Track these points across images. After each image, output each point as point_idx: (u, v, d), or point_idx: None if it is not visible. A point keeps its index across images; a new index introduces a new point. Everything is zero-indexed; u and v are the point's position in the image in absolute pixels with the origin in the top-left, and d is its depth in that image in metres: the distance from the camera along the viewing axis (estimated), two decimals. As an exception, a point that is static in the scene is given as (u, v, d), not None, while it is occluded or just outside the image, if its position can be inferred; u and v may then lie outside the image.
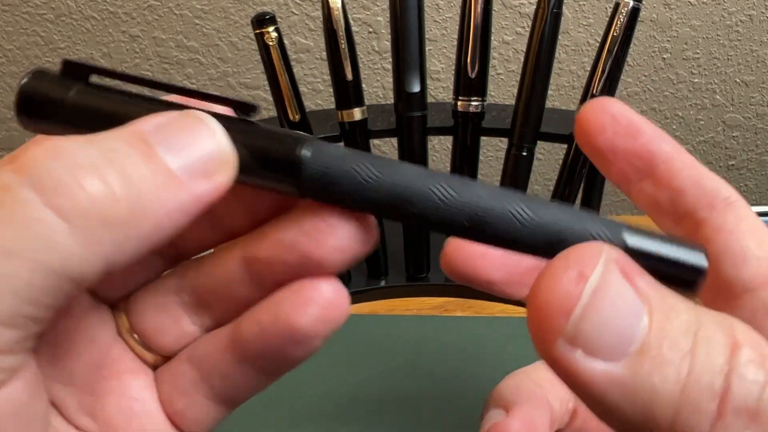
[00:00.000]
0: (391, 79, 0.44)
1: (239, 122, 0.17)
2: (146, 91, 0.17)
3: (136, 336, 0.19)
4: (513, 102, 0.44)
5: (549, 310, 0.13)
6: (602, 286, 0.12)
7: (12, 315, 0.13)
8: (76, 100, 0.16)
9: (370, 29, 0.65)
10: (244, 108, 0.17)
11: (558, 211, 0.16)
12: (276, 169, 0.16)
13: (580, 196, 0.46)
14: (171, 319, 0.19)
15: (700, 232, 0.18)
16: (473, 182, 0.16)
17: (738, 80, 0.67)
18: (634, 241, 0.15)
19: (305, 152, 0.16)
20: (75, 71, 0.17)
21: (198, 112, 0.16)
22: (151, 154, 0.15)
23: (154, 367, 0.20)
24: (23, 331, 0.14)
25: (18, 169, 0.13)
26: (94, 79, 0.17)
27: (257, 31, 0.40)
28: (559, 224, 0.15)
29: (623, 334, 0.12)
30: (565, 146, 0.44)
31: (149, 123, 0.15)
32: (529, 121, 0.43)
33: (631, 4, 0.39)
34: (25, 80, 0.17)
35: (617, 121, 0.19)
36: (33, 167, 0.13)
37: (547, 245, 0.15)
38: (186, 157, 0.15)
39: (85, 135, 0.15)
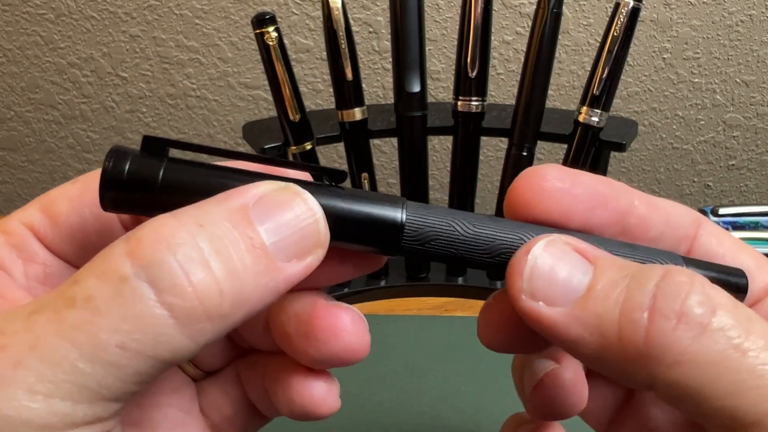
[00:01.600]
0: (391, 79, 0.44)
1: (329, 188, 0.17)
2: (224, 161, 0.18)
3: None
4: (513, 102, 0.44)
5: (510, 275, 0.16)
6: (545, 252, 0.16)
7: (119, 394, 0.15)
8: (167, 180, 0.16)
9: (370, 29, 0.65)
10: (334, 175, 0.17)
11: (630, 250, 0.18)
12: (376, 235, 0.17)
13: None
14: (216, 343, 0.21)
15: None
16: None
17: (738, 80, 0.67)
18: (691, 269, 0.18)
19: (405, 216, 0.17)
20: (155, 147, 0.17)
21: (296, 186, 0.16)
22: (253, 237, 0.15)
23: (196, 380, 0.22)
24: (125, 402, 0.15)
25: (135, 257, 0.14)
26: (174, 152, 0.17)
27: (257, 31, 0.40)
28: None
29: (571, 284, 0.16)
30: (565, 146, 0.44)
31: (251, 194, 0.16)
32: (529, 121, 0.43)
33: (631, 4, 0.39)
34: (109, 163, 0.16)
35: (579, 198, 0.18)
36: (150, 259, 0.14)
37: None
38: (284, 238, 0.16)
39: (192, 210, 0.15)
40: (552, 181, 0.18)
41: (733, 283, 0.18)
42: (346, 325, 0.18)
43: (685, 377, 0.14)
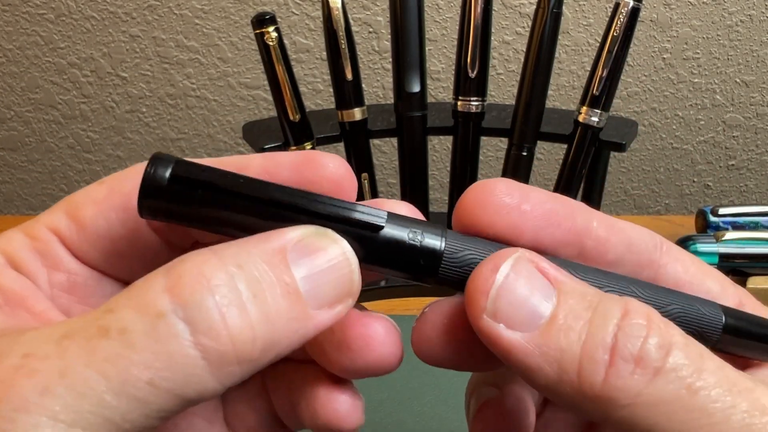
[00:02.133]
0: (391, 79, 0.44)
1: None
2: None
3: None
4: (513, 102, 0.44)
5: (474, 292, 0.16)
6: (513, 272, 0.16)
7: (141, 429, 0.14)
8: (208, 189, 0.16)
9: (370, 29, 0.65)
10: (372, 228, 0.17)
11: (675, 296, 0.18)
12: (414, 263, 0.17)
13: (580, 195, 0.46)
14: None
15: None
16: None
17: (738, 80, 0.67)
18: (731, 321, 0.18)
19: (445, 245, 0.17)
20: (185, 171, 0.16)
21: (334, 233, 0.16)
22: (289, 282, 0.15)
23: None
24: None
25: (174, 294, 0.14)
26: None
27: (257, 31, 0.40)
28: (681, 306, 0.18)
29: (535, 309, 0.16)
30: (565, 146, 0.44)
31: (289, 239, 0.16)
32: (529, 121, 0.43)
33: (631, 4, 0.39)
34: (151, 170, 0.16)
35: (530, 215, 0.17)
36: (188, 299, 0.14)
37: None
38: (318, 286, 0.16)
39: (233, 250, 0.15)
40: (500, 195, 0.17)
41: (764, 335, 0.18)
42: (379, 336, 0.18)
43: (640, 417, 0.15)
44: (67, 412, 0.13)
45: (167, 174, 0.16)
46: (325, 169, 0.18)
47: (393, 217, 0.17)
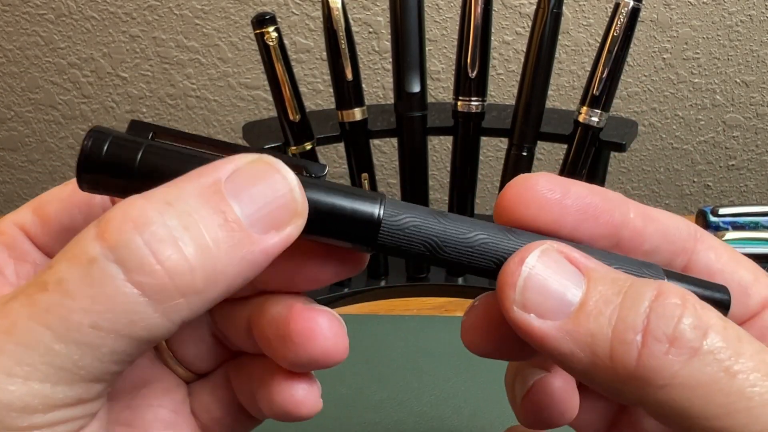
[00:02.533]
0: (391, 79, 0.44)
1: (309, 179, 0.17)
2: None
3: (175, 359, 0.21)
4: (513, 102, 0.44)
5: (502, 285, 0.16)
6: (539, 263, 0.16)
7: (98, 374, 0.15)
8: (145, 161, 0.16)
9: (370, 29, 0.65)
10: (315, 169, 0.17)
11: (611, 260, 0.18)
12: (352, 229, 0.17)
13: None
14: (205, 345, 0.21)
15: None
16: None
17: (738, 80, 0.67)
18: (673, 283, 0.17)
19: (383, 211, 0.17)
20: (140, 131, 0.17)
21: (272, 158, 0.16)
22: (226, 211, 0.15)
23: (188, 382, 0.22)
24: (107, 383, 0.15)
25: (103, 239, 0.14)
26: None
27: (257, 31, 0.40)
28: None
29: (564, 297, 0.16)
30: (565, 146, 0.44)
31: (224, 170, 0.16)
32: (529, 121, 0.43)
33: (631, 4, 0.39)
34: (88, 142, 0.16)
35: (570, 209, 0.18)
36: (117, 240, 0.14)
37: None
38: (259, 210, 0.16)
39: (164, 189, 0.15)
40: (543, 190, 0.18)
41: (717, 299, 0.18)
42: (322, 329, 0.18)
43: (676, 399, 0.15)
44: (20, 366, 0.14)
45: (104, 148, 0.16)
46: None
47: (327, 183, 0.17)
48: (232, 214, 0.15)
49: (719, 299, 0.18)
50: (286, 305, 0.19)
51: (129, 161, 0.16)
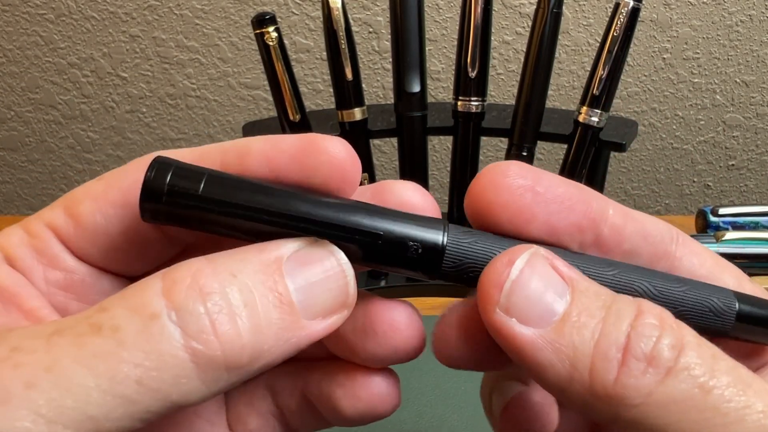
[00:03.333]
0: (391, 79, 0.44)
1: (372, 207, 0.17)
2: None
3: None
4: (513, 102, 0.44)
5: (487, 286, 0.16)
6: (527, 267, 0.16)
7: (121, 429, 0.14)
8: (208, 192, 0.16)
9: (370, 29, 0.65)
10: (372, 237, 0.17)
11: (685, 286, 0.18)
12: (416, 257, 0.17)
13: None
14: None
15: None
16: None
17: (738, 80, 0.67)
18: (745, 307, 0.18)
19: (446, 239, 0.17)
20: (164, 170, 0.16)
21: (330, 245, 0.16)
22: (283, 293, 0.15)
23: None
24: None
25: (168, 298, 0.14)
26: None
27: (257, 31, 0.40)
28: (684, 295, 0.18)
29: (549, 306, 0.15)
30: (565, 146, 0.44)
31: (286, 248, 0.16)
32: (529, 121, 0.43)
33: (631, 4, 0.39)
34: (151, 174, 0.16)
35: (543, 197, 0.17)
36: (183, 303, 0.14)
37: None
38: (313, 296, 0.16)
39: (229, 259, 0.15)
40: (513, 177, 0.17)
41: None
42: (404, 320, 0.18)
43: (651, 417, 0.15)
44: (49, 407, 0.13)
45: (167, 180, 0.16)
46: (326, 155, 0.17)
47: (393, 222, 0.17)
48: (288, 297, 0.15)
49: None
50: (363, 299, 0.18)
51: (192, 192, 0.16)
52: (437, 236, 0.17)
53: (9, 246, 0.18)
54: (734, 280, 0.19)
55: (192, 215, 0.16)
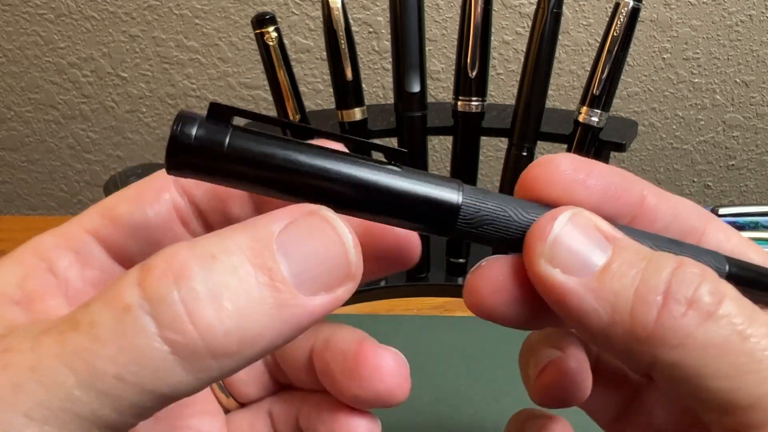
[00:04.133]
0: (391, 79, 0.44)
1: (386, 167, 0.17)
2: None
3: (221, 383, 0.21)
4: (513, 102, 0.44)
5: (532, 240, 0.17)
6: (570, 223, 0.17)
7: (115, 426, 0.14)
8: (233, 147, 0.16)
9: (370, 29, 0.65)
10: (395, 155, 0.17)
11: (672, 245, 0.18)
12: (431, 215, 0.17)
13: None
14: (256, 373, 0.21)
15: None
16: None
17: (738, 80, 0.67)
18: (734, 270, 0.19)
19: (462, 198, 0.17)
20: (220, 114, 0.16)
21: (327, 211, 0.16)
22: (273, 268, 0.14)
23: (226, 411, 0.22)
24: (124, 430, 0.14)
25: (143, 287, 0.14)
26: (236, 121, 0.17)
27: (257, 31, 0.40)
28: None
29: (591, 257, 0.16)
30: (565, 146, 0.44)
31: (278, 222, 0.15)
32: (529, 121, 0.43)
33: (631, 4, 0.39)
34: (177, 127, 0.16)
35: (592, 190, 0.18)
36: (155, 292, 0.14)
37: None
38: (309, 269, 0.15)
39: (212, 239, 0.15)
40: (566, 171, 0.18)
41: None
42: (390, 367, 0.19)
43: (688, 358, 0.15)
44: (38, 409, 0.13)
45: (194, 132, 0.16)
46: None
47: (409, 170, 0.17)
48: (279, 273, 0.14)
49: None
50: (354, 341, 0.19)
51: (218, 145, 0.16)
52: (453, 195, 0.17)
53: (45, 248, 0.18)
54: (759, 255, 0.20)
55: (218, 168, 0.16)
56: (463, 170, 0.45)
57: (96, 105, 0.70)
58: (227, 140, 0.16)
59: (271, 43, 0.40)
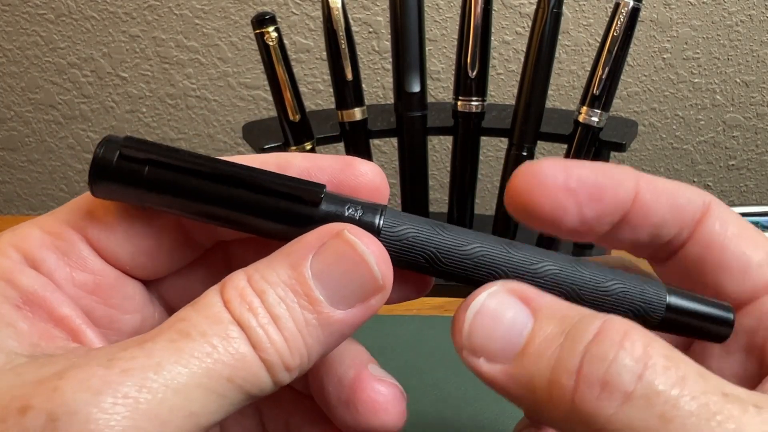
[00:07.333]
0: (391, 79, 0.44)
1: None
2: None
3: None
4: (513, 102, 0.44)
5: (453, 331, 0.17)
6: (485, 307, 0.17)
7: (209, 426, 0.15)
8: (153, 172, 0.17)
9: (370, 29, 0.65)
10: (310, 194, 0.18)
11: (617, 278, 0.18)
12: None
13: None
14: None
15: (689, 250, 0.19)
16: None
17: (738, 80, 0.67)
18: (675, 300, 0.18)
19: (383, 221, 0.18)
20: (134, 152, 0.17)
21: (352, 236, 0.17)
22: (309, 295, 0.16)
23: None
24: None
25: (228, 309, 0.16)
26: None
27: (257, 31, 0.40)
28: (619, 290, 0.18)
29: (510, 340, 0.16)
30: (565, 146, 0.44)
31: (307, 250, 0.17)
32: (529, 121, 0.43)
33: (631, 4, 0.39)
34: (100, 151, 0.17)
35: (574, 192, 0.18)
36: (239, 317, 0.16)
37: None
38: (341, 290, 0.17)
39: (262, 268, 0.17)
40: (547, 176, 0.18)
41: (718, 317, 0.18)
42: (387, 403, 0.19)
43: None
44: (161, 408, 0.14)
45: (116, 155, 0.17)
46: (363, 176, 0.19)
47: (330, 195, 0.18)
48: (316, 298, 0.16)
49: (721, 317, 0.18)
50: (354, 368, 0.19)
51: (138, 171, 0.17)
52: (374, 218, 0.18)
53: (29, 247, 0.18)
54: (762, 253, 0.19)
55: (141, 195, 0.17)
56: (463, 170, 0.45)
57: (96, 105, 0.70)
58: (146, 169, 0.17)
59: (271, 43, 0.40)
